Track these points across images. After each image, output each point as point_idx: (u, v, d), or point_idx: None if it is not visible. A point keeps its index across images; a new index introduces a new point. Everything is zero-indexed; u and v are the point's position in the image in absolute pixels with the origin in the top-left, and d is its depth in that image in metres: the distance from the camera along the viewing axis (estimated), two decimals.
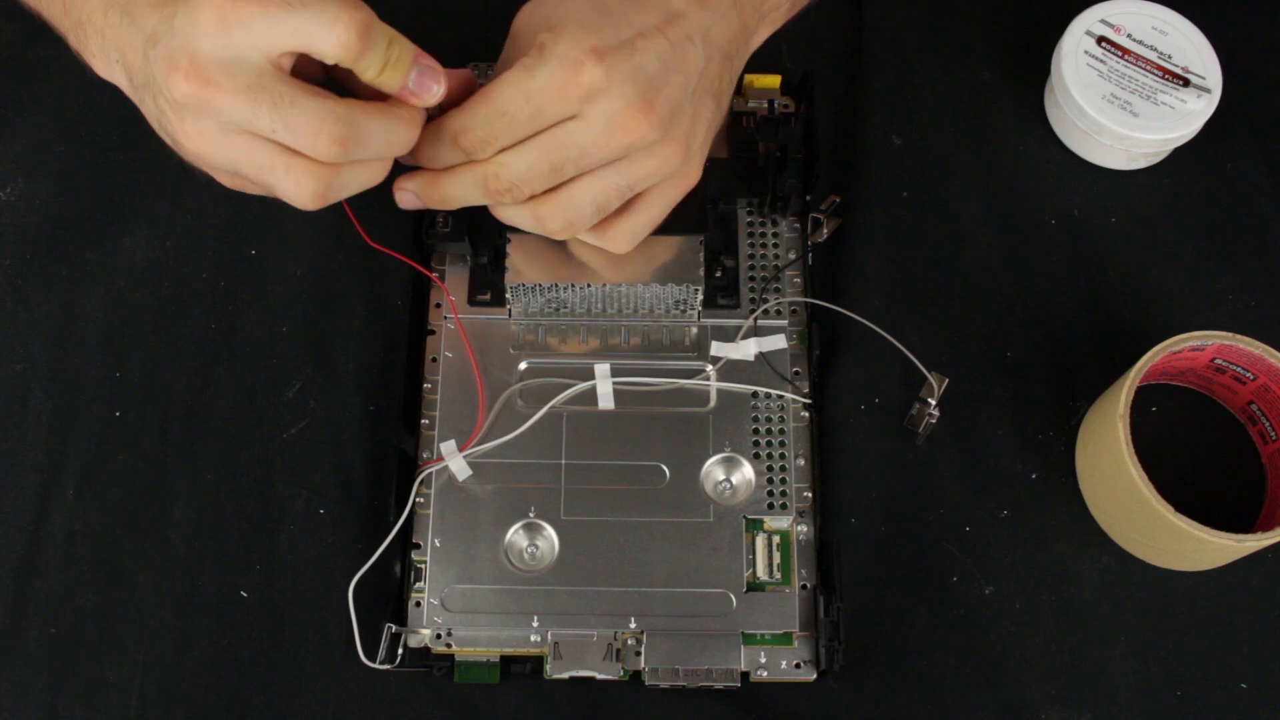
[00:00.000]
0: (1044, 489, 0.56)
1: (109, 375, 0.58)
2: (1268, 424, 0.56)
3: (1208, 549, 0.51)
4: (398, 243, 0.58)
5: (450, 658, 0.53)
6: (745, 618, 0.53)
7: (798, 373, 0.57)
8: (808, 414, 0.57)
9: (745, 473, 0.56)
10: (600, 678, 0.52)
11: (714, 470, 0.56)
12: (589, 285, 0.56)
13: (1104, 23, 0.62)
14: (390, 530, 0.53)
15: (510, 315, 0.58)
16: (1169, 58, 0.61)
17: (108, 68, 0.47)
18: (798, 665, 0.53)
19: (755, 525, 0.55)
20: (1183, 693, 0.53)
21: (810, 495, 0.55)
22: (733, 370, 0.57)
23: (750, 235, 0.60)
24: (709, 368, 0.57)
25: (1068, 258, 0.61)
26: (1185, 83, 0.61)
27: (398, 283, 0.59)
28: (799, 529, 0.55)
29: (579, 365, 0.57)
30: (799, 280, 0.59)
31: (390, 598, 0.54)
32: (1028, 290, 0.60)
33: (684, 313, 0.58)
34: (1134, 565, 0.55)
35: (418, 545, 0.54)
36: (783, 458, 0.56)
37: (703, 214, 0.56)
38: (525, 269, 0.56)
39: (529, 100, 0.46)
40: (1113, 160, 0.62)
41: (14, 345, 0.58)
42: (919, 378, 0.55)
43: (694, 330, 0.58)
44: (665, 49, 0.47)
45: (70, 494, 0.55)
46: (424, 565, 0.54)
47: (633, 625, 0.53)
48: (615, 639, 0.52)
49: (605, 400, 0.57)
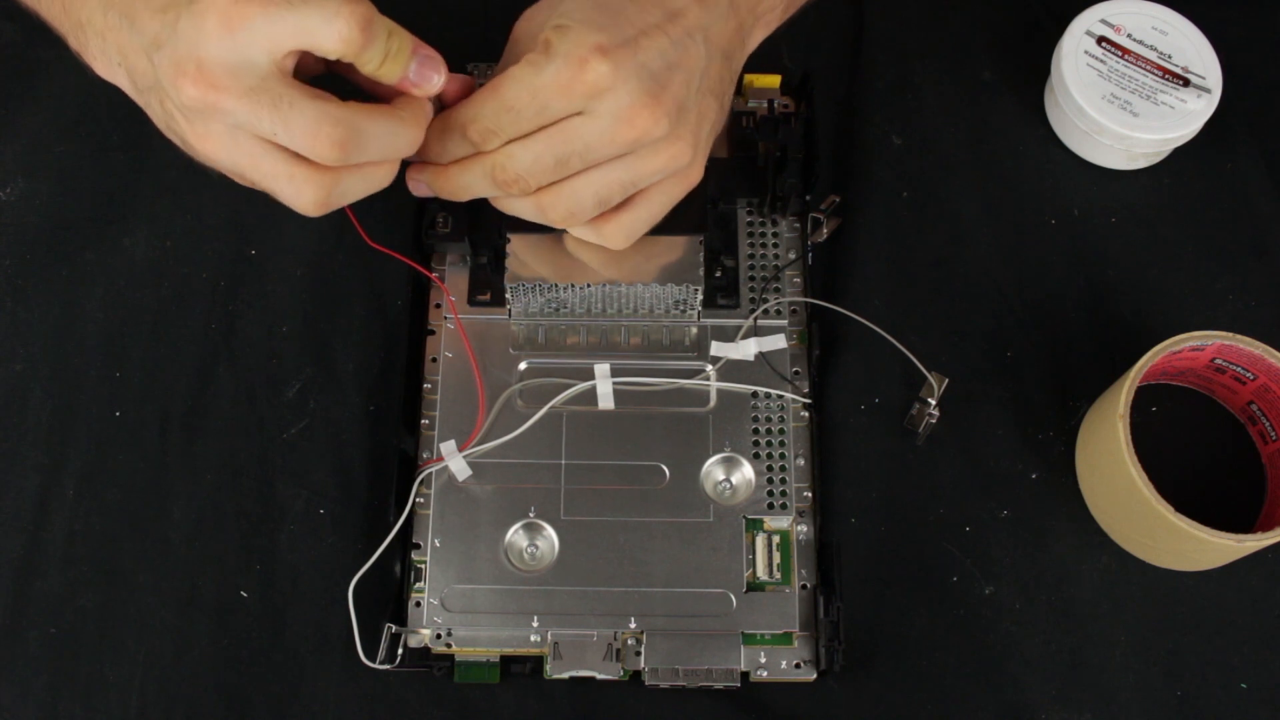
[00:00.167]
0: (1044, 489, 0.56)
1: (109, 375, 0.58)
2: (1268, 424, 0.56)
3: (1208, 549, 0.51)
4: (398, 243, 0.58)
5: (450, 658, 0.53)
6: (745, 618, 0.53)
7: (798, 373, 0.57)
8: (808, 414, 0.57)
9: (745, 473, 0.56)
10: (600, 678, 0.52)
11: (714, 470, 0.56)
12: (589, 285, 0.56)
13: (1104, 23, 0.62)
14: (390, 530, 0.53)
15: (510, 315, 0.58)
16: (1169, 58, 0.61)
17: (109, 69, 0.47)
18: (798, 665, 0.53)
19: (755, 525, 0.55)
20: (1183, 693, 0.53)
21: (810, 495, 0.55)
22: (733, 370, 0.57)
23: (750, 235, 0.60)
24: (709, 368, 0.57)
25: (1068, 258, 0.61)
26: (1185, 83, 0.61)
27: (398, 283, 0.59)
28: (799, 529, 0.55)
29: (579, 365, 0.57)
30: (799, 280, 0.59)
31: (390, 598, 0.53)
32: (1028, 290, 0.60)
33: (684, 313, 0.58)
34: (1134, 565, 0.55)
35: (418, 545, 0.54)
36: (783, 458, 0.56)
37: (703, 214, 0.56)
38: (525, 269, 0.56)
39: (535, 96, 0.47)
40: (1113, 160, 0.62)
41: (14, 345, 0.58)
42: (919, 378, 0.55)
43: (694, 330, 0.58)
44: (668, 46, 0.47)
45: (70, 494, 0.55)
46: (424, 565, 0.54)
47: (633, 625, 0.53)
48: (615, 639, 0.52)
49: (605, 400, 0.57)
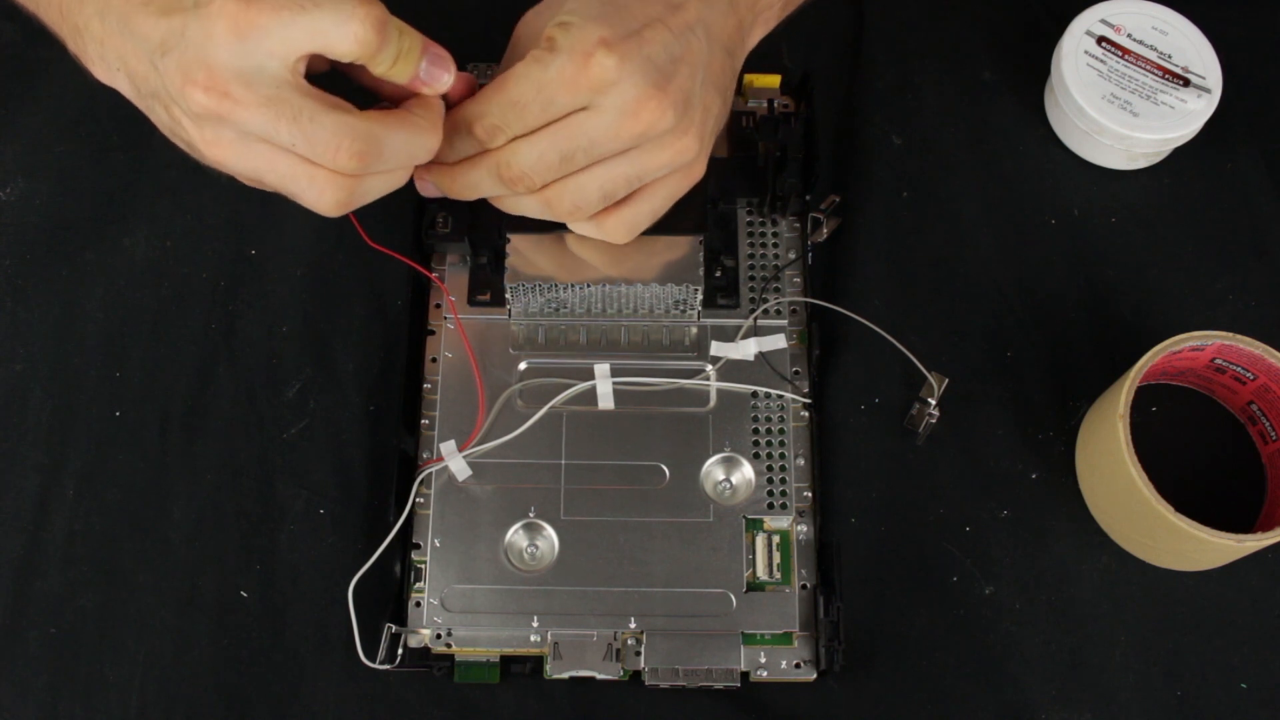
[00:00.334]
0: (1044, 489, 0.56)
1: (109, 375, 0.58)
2: (1268, 424, 0.56)
3: (1208, 549, 0.51)
4: (398, 243, 0.58)
5: (450, 658, 0.53)
6: (745, 618, 0.53)
7: (798, 373, 0.57)
8: (808, 414, 0.57)
9: (745, 473, 0.55)
10: (600, 678, 0.52)
11: (714, 470, 0.56)
12: (589, 285, 0.56)
13: (1104, 23, 0.62)
14: (390, 530, 0.53)
15: (510, 315, 0.58)
16: (1169, 58, 0.61)
17: (108, 74, 0.47)
18: (798, 665, 0.53)
19: (755, 525, 0.55)
20: (1183, 693, 0.53)
21: (810, 495, 0.55)
22: (732, 370, 0.57)
23: (750, 235, 0.60)
24: (709, 368, 0.57)
25: (1068, 258, 0.61)
26: (1185, 83, 0.61)
27: (398, 283, 0.59)
28: (799, 529, 0.55)
29: (579, 365, 0.57)
30: (799, 280, 0.59)
31: (390, 598, 0.53)
32: (1028, 290, 0.60)
33: (684, 313, 0.58)
34: (1134, 565, 0.55)
35: (418, 545, 0.54)
36: (783, 458, 0.56)
37: (703, 214, 0.56)
38: (525, 269, 0.56)
39: (541, 91, 0.46)
40: (1113, 160, 0.62)
41: (14, 345, 0.58)
42: (919, 378, 0.55)
43: (694, 330, 0.58)
44: (671, 40, 0.47)
45: (70, 494, 0.55)
46: (424, 565, 0.54)
47: (633, 625, 0.53)
48: (615, 639, 0.52)
49: (605, 400, 0.57)
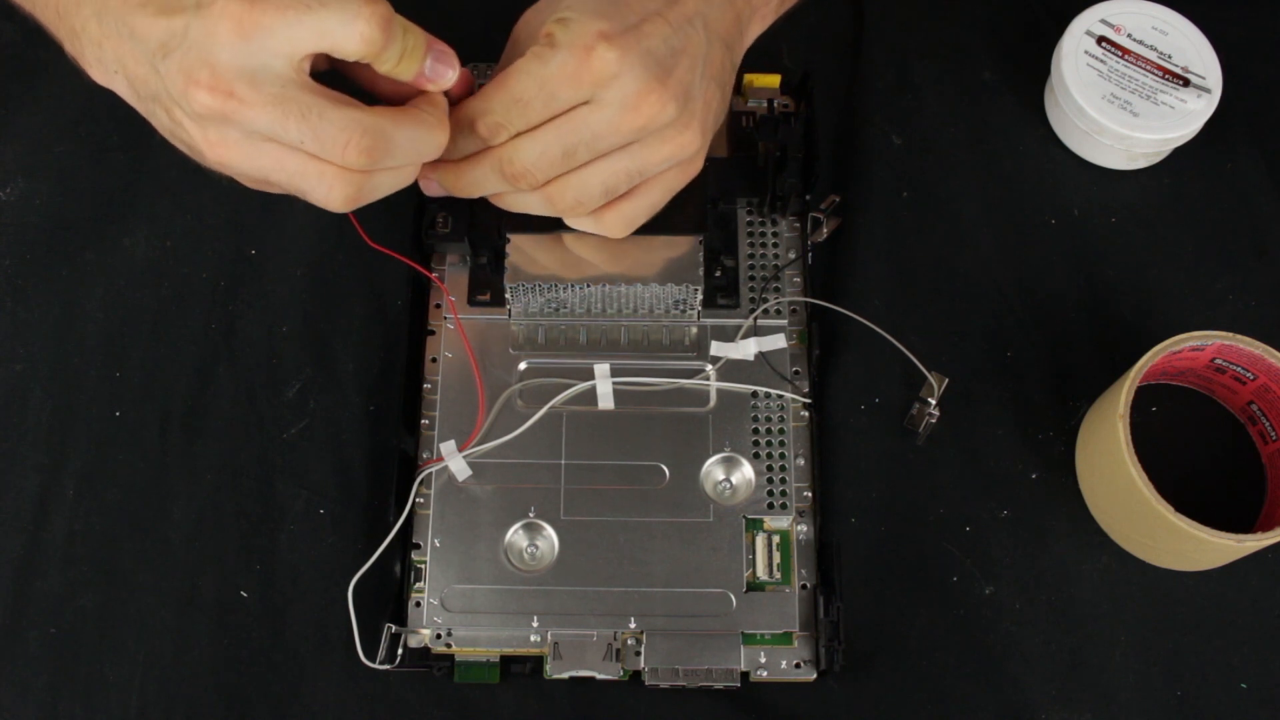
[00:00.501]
0: (1044, 489, 0.56)
1: (109, 375, 0.58)
2: (1268, 424, 0.56)
3: (1208, 549, 0.51)
4: (398, 243, 0.58)
5: (450, 658, 0.53)
6: (745, 618, 0.53)
7: (798, 372, 0.57)
8: (808, 414, 0.57)
9: (745, 473, 0.55)
10: (600, 678, 0.52)
11: (714, 470, 0.56)
12: (589, 285, 0.56)
13: (1104, 23, 0.62)
14: (390, 530, 0.53)
15: (510, 315, 0.58)
16: (1169, 58, 0.61)
17: (106, 76, 0.46)
18: (798, 665, 0.53)
19: (755, 525, 0.55)
20: (1183, 693, 0.53)
21: (810, 495, 0.55)
22: (732, 370, 0.57)
23: (750, 235, 0.60)
24: (709, 368, 0.57)
25: (1068, 258, 0.61)
26: (1185, 83, 0.61)
27: (397, 283, 0.59)
28: (799, 529, 0.55)
29: (579, 365, 0.57)
30: (799, 280, 0.59)
31: (390, 598, 0.53)
32: (1028, 290, 0.60)
33: (684, 313, 0.58)
34: (1134, 565, 0.55)
35: (418, 545, 0.54)
36: (783, 458, 0.56)
37: (703, 214, 0.56)
38: (525, 269, 0.56)
39: (542, 87, 0.47)
40: (1113, 160, 0.62)
41: (14, 345, 0.58)
42: (919, 378, 0.55)
43: (694, 330, 0.58)
44: (670, 32, 0.47)
45: (70, 494, 0.55)
46: (424, 565, 0.54)
47: (633, 625, 0.53)
48: (615, 639, 0.52)
49: (605, 400, 0.57)
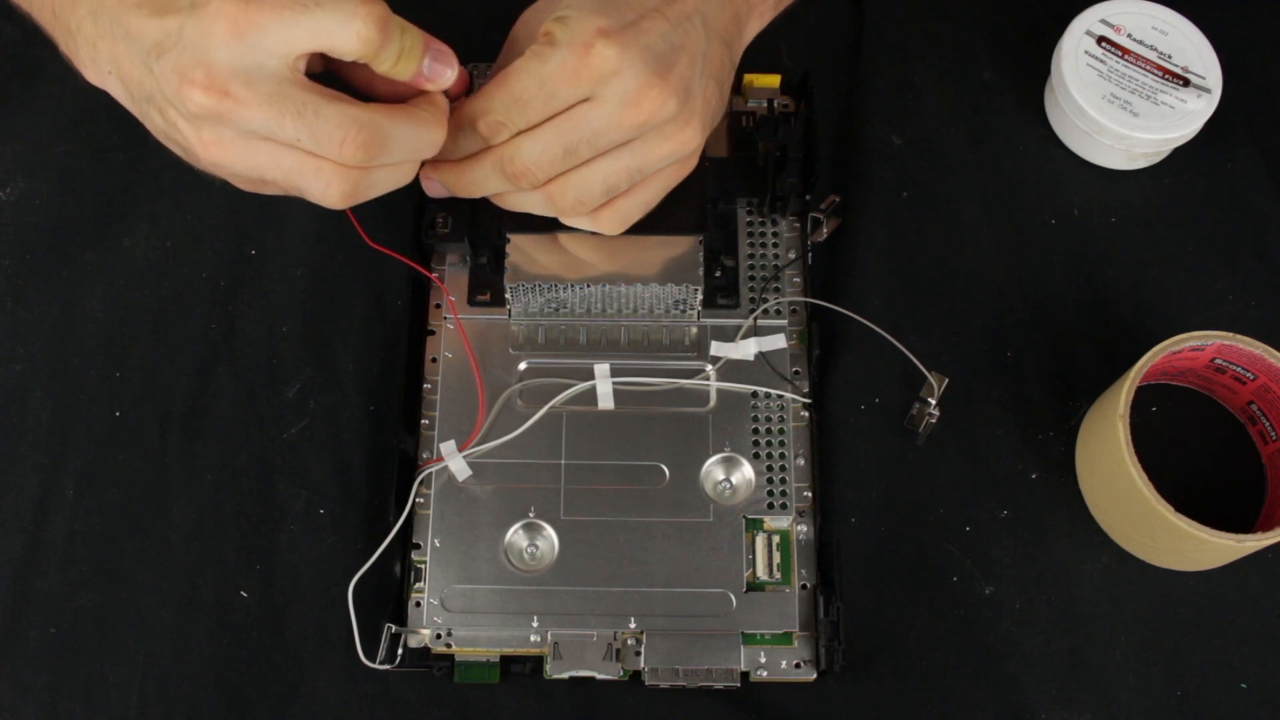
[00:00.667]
0: (1044, 489, 0.56)
1: (109, 375, 0.58)
2: (1268, 424, 0.56)
3: (1208, 549, 0.51)
4: (397, 243, 0.58)
5: (450, 658, 0.53)
6: (745, 618, 0.53)
7: (798, 372, 0.57)
8: (808, 414, 0.57)
9: (745, 473, 0.55)
10: (600, 678, 0.52)
11: (714, 470, 0.56)
12: (589, 285, 0.56)
13: (1104, 23, 0.62)
14: (390, 530, 0.53)
15: (510, 315, 0.58)
16: (1169, 58, 0.61)
17: (99, 77, 0.46)
18: (798, 665, 0.53)
19: (755, 525, 0.55)
20: (1183, 693, 0.53)
21: (810, 495, 0.55)
22: (732, 370, 0.57)
23: (750, 235, 0.60)
24: (709, 368, 0.57)
25: (1068, 258, 0.61)
26: (1185, 83, 0.61)
27: (398, 283, 0.59)
28: (799, 529, 0.55)
29: (579, 365, 0.57)
30: (799, 280, 0.59)
31: (390, 598, 0.53)
32: (1028, 290, 0.60)
33: (684, 313, 0.58)
34: (1134, 565, 0.55)
35: (418, 545, 0.54)
36: (783, 458, 0.56)
37: (703, 214, 0.56)
38: (525, 269, 0.56)
39: (542, 85, 0.46)
40: (1113, 160, 0.62)
41: (14, 345, 0.58)
42: (919, 378, 0.55)
43: (694, 330, 0.58)
44: (669, 29, 0.47)
45: (70, 494, 0.55)
46: (424, 565, 0.54)
47: (633, 625, 0.53)
48: (615, 639, 0.52)
49: (605, 400, 0.57)
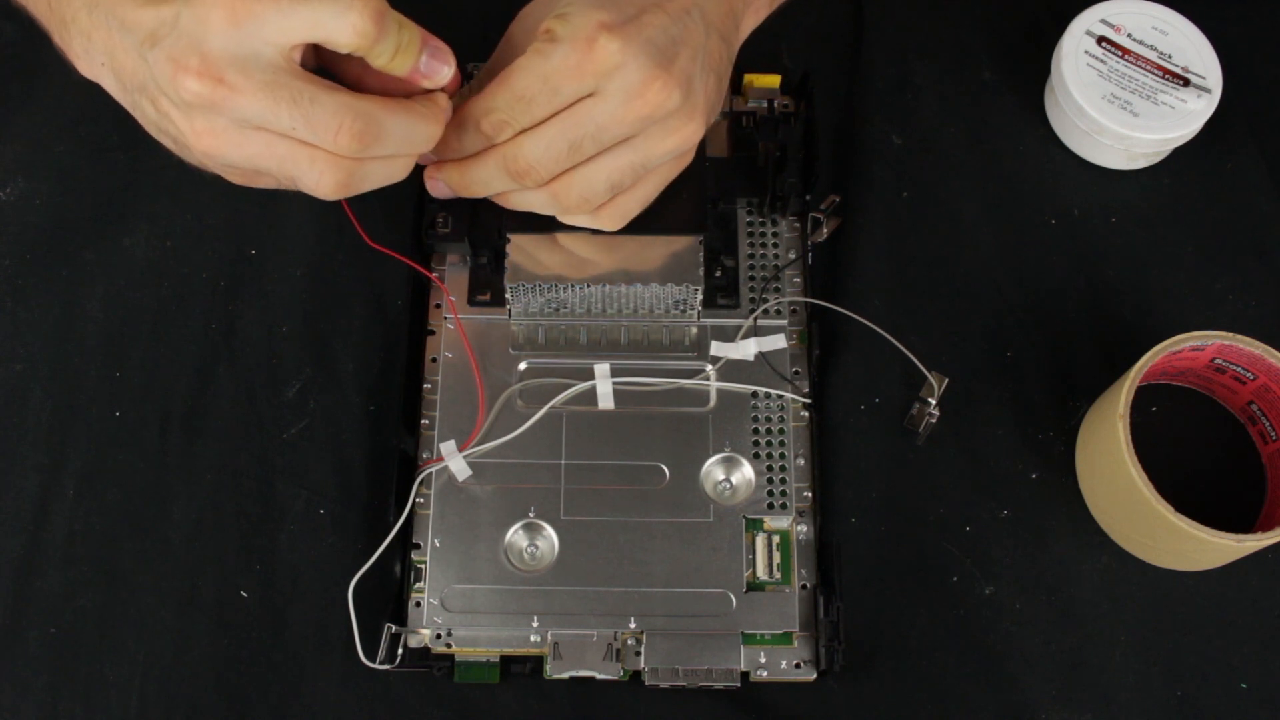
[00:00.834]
0: (1044, 489, 0.56)
1: (109, 375, 0.58)
2: (1268, 424, 0.56)
3: (1208, 549, 0.51)
4: (398, 243, 0.58)
5: (450, 658, 0.53)
6: (745, 618, 0.53)
7: (798, 372, 0.57)
8: (808, 414, 0.57)
9: (745, 473, 0.55)
10: (600, 678, 0.52)
11: (714, 470, 0.56)
12: (589, 285, 0.56)
13: (1104, 23, 0.62)
14: (390, 530, 0.53)
15: (510, 315, 0.58)
16: (1169, 58, 0.61)
17: (93, 69, 0.46)
18: (798, 665, 0.53)
19: (755, 525, 0.55)
20: (1183, 693, 0.53)
21: (810, 495, 0.55)
22: (732, 370, 0.57)
23: (750, 235, 0.60)
24: (709, 368, 0.57)
25: (1068, 258, 0.61)
26: (1185, 83, 0.61)
27: (398, 283, 0.59)
28: (799, 529, 0.55)
29: (579, 365, 0.57)
30: (799, 280, 0.59)
31: (390, 598, 0.53)
32: (1028, 290, 0.60)
33: (684, 313, 0.58)
34: (1134, 565, 0.55)
35: (418, 545, 0.54)
36: (783, 458, 0.56)
37: (703, 214, 0.56)
38: (525, 269, 0.56)
39: (545, 82, 0.46)
40: (1113, 160, 0.62)
41: (14, 345, 0.58)
42: (919, 378, 0.55)
43: (694, 330, 0.58)
44: (669, 23, 0.47)
45: (70, 494, 0.55)
46: (424, 565, 0.54)
47: (633, 625, 0.53)
48: (615, 639, 0.52)
49: (605, 400, 0.57)
